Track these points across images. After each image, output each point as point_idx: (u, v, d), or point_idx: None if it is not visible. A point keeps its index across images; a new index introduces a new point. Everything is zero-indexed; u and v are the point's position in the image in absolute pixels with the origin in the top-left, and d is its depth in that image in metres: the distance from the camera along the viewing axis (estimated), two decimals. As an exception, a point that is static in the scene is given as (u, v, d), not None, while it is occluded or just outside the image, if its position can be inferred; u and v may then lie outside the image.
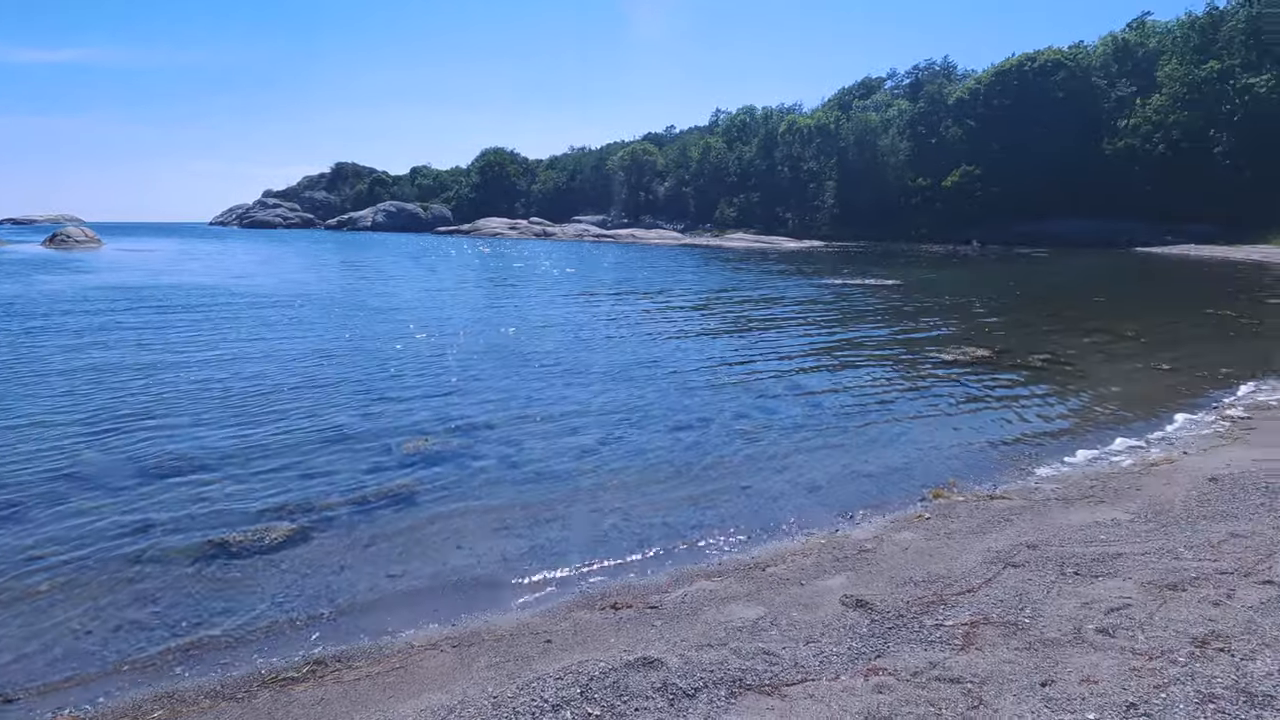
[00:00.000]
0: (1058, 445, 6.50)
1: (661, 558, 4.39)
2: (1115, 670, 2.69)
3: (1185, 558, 3.71)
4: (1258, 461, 5.33)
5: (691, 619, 3.43)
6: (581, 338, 12.40)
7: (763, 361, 10.33)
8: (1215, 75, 45.84)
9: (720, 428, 7.03)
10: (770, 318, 15.27)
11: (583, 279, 26.36)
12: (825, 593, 3.62)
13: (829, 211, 64.34)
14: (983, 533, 4.34)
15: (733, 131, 79.46)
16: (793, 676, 2.83)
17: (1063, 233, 48.97)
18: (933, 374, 9.46)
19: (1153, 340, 11.89)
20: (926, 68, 71.37)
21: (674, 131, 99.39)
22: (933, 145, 58.93)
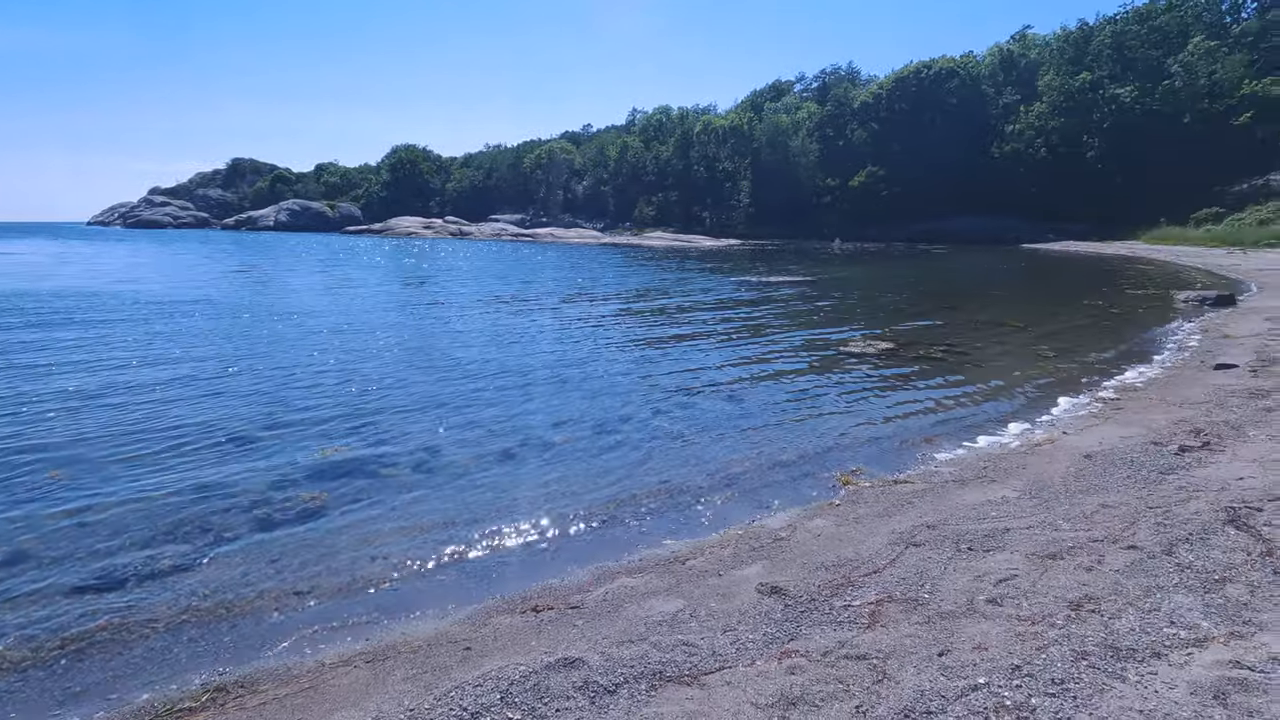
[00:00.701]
0: (955, 430, 6.92)
1: (584, 557, 4.39)
2: (1003, 636, 2.91)
3: (1063, 529, 4.04)
4: (1124, 438, 5.86)
5: (613, 616, 3.45)
6: (501, 340, 12.21)
7: (682, 359, 10.49)
8: (1087, 85, 50.00)
9: (641, 425, 7.10)
10: (690, 316, 15.53)
11: (502, 279, 25.96)
12: (742, 582, 3.73)
13: (744, 210, 66.04)
14: (888, 516, 4.58)
15: (649, 131, 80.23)
16: (711, 665, 2.90)
17: (959, 230, 52.12)
18: (842, 366, 9.88)
19: (1037, 330, 12.85)
20: (833, 72, 74.48)
21: (591, 130, 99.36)
22: (840, 147, 61.45)
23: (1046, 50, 56.77)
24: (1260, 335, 10.70)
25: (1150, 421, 6.40)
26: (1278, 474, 4.62)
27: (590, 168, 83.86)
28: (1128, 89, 48.07)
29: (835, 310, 16.36)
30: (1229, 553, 3.52)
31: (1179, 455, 5.29)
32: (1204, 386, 7.65)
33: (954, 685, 2.58)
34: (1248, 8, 53.20)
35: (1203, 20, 51.26)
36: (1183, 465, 5.04)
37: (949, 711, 2.44)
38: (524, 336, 12.51)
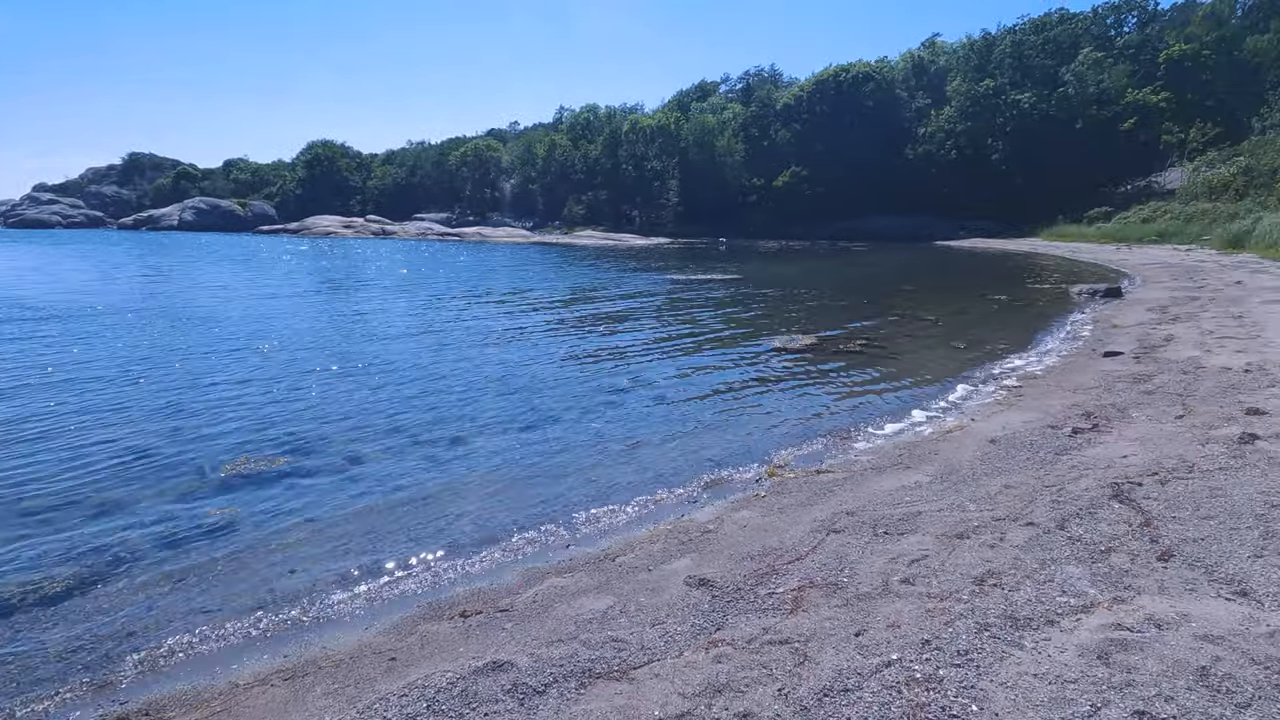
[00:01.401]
0: (874, 421, 7.23)
1: (513, 559, 4.35)
2: (914, 614, 3.06)
3: (970, 510, 4.29)
4: (1025, 423, 6.27)
5: (542, 617, 3.44)
6: (426, 342, 11.91)
7: (611, 357, 10.52)
8: (991, 91, 52.98)
9: (570, 425, 7.08)
10: (619, 314, 15.57)
11: (427, 279, 25.29)
12: (671, 576, 3.79)
13: (673, 209, 66.65)
14: (810, 505, 4.74)
15: (577, 129, 79.85)
16: (640, 659, 2.94)
17: (878, 228, 54.27)
18: (768, 362, 10.14)
19: (949, 323, 13.55)
20: (756, 74, 76.11)
21: (518, 128, 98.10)
22: (765, 147, 62.84)
23: (954, 57, 59.82)
24: (1143, 324, 11.63)
25: (1048, 407, 6.86)
26: (1155, 451, 5.05)
27: (518, 166, 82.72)
28: (1027, 95, 51.26)
29: (762, 307, 16.77)
30: (1113, 525, 3.83)
31: (1072, 437, 5.70)
32: (1094, 373, 8.26)
33: (869, 663, 2.71)
34: (1129, 22, 57.72)
35: (1091, 33, 55.25)
36: (1075, 446, 5.43)
37: (864, 688, 2.55)
38: (450, 338, 12.25)
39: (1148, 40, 53.54)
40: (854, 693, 2.53)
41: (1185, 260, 24.34)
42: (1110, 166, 46.31)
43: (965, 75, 55.72)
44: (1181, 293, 15.50)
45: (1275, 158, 33.46)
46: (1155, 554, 3.43)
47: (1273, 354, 8.07)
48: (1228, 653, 2.56)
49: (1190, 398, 6.55)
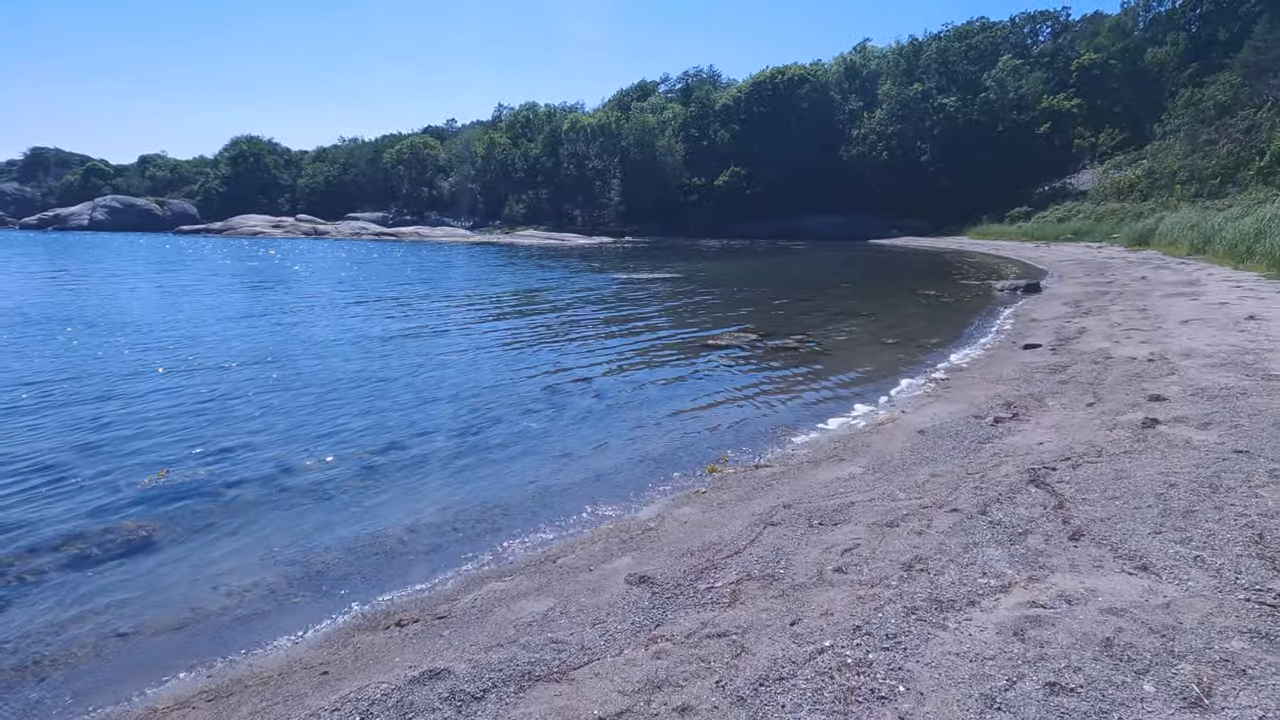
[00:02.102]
0: (811, 414, 7.42)
1: (452, 565, 4.28)
2: (846, 601, 3.16)
3: (900, 499, 4.45)
4: (951, 413, 6.54)
5: (481, 622, 3.40)
6: (361, 345, 11.57)
7: (554, 357, 10.46)
8: (919, 95, 55.07)
9: (511, 427, 7.01)
10: (561, 314, 15.49)
11: (362, 280, 24.55)
12: (612, 575, 3.79)
13: (615, 209, 66.72)
14: (749, 499, 4.83)
15: (517, 128, 79.02)
16: (580, 660, 2.94)
17: (816, 227, 55.69)
18: (708, 358, 10.27)
19: (881, 318, 14.02)
20: (695, 74, 76.90)
21: (456, 126, 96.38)
22: (705, 147, 63.62)
23: (884, 61, 61.92)
24: (1059, 318, 12.30)
25: (972, 397, 7.18)
26: (1069, 438, 5.35)
27: (456, 164, 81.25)
28: (952, 99, 53.53)
29: (703, 305, 16.96)
30: (1030, 508, 4.04)
31: (994, 426, 5.99)
32: (1015, 365, 8.69)
33: (803, 650, 2.78)
34: (1044, 32, 60.98)
35: (1009, 41, 58.16)
36: (997, 435, 5.71)
37: (799, 675, 2.62)
38: (387, 341, 11.93)
39: (1061, 49, 56.69)
40: (789, 680, 2.59)
41: (1097, 257, 25.88)
42: (1029, 168, 48.83)
43: (895, 79, 57.76)
44: (1093, 288, 16.47)
45: (1174, 162, 35.91)
46: (1067, 534, 3.64)
47: (1173, 344, 8.65)
48: (1129, 624, 2.74)
49: (1100, 386, 6.97)
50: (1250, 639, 2.59)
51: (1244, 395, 5.96)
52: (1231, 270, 16.69)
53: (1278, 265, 15.60)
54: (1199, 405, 5.80)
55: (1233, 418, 5.35)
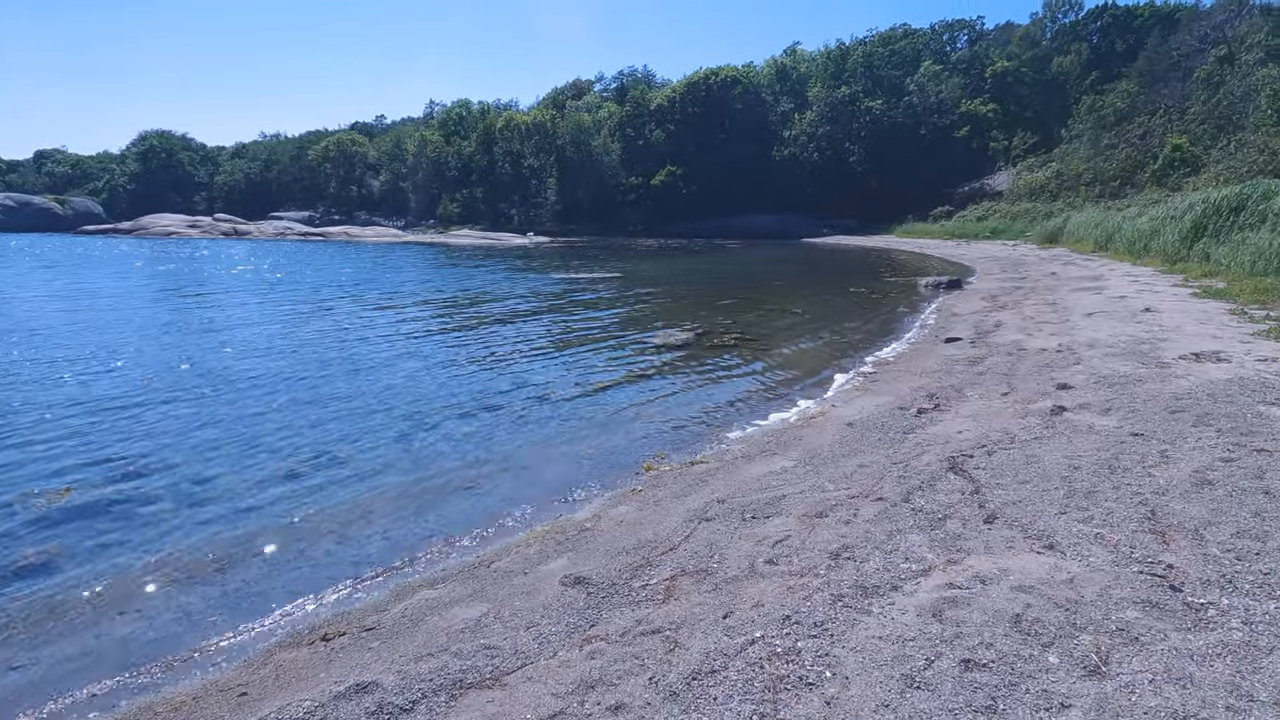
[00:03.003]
0: (746, 410, 7.55)
1: (382, 576, 4.16)
2: (777, 592, 3.24)
3: (829, 490, 4.59)
4: (878, 406, 6.78)
5: (412, 632, 3.31)
6: (287, 350, 11.10)
7: (489, 359, 10.30)
8: (847, 98, 56.80)
9: (446, 431, 6.86)
10: (498, 314, 15.26)
11: (287, 283, 23.54)
12: (547, 577, 3.77)
13: (552, 208, 66.22)
14: (685, 496, 4.88)
15: (450, 125, 77.41)
16: (513, 665, 2.90)
17: (751, 227, 56.67)
18: (646, 357, 10.32)
19: (814, 315, 14.40)
20: (630, 74, 77.05)
21: (385, 122, 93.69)
22: (640, 146, 63.80)
23: (813, 65, 63.61)
24: (978, 312, 12.92)
25: (898, 390, 7.46)
26: (985, 426, 5.63)
27: (387, 162, 78.92)
28: (879, 103, 55.46)
29: (641, 304, 17.02)
30: (949, 494, 4.23)
31: (917, 417, 6.24)
32: (938, 358, 9.07)
33: (735, 642, 2.83)
34: (961, 40, 63.89)
35: (930, 48, 60.70)
36: (920, 425, 5.95)
37: (730, 667, 2.67)
38: (314, 346, 11.49)
39: (977, 57, 59.52)
40: (720, 673, 2.63)
41: (1012, 254, 27.31)
42: (950, 169, 51.06)
43: (824, 82, 59.42)
44: (1009, 283, 17.38)
45: (1079, 164, 38.25)
46: (982, 518, 3.83)
47: (1078, 335, 9.22)
48: (1037, 600, 2.91)
49: (1014, 377, 7.35)
50: (1143, 609, 2.79)
51: (1140, 382, 6.41)
52: (1131, 265, 17.91)
53: (1170, 260, 16.85)
54: (1101, 392, 6.20)
55: (1130, 403, 5.74)
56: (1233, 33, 37.93)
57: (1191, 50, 39.03)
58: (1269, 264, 13.07)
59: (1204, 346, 7.65)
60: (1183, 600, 2.83)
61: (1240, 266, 13.77)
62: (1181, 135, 31.98)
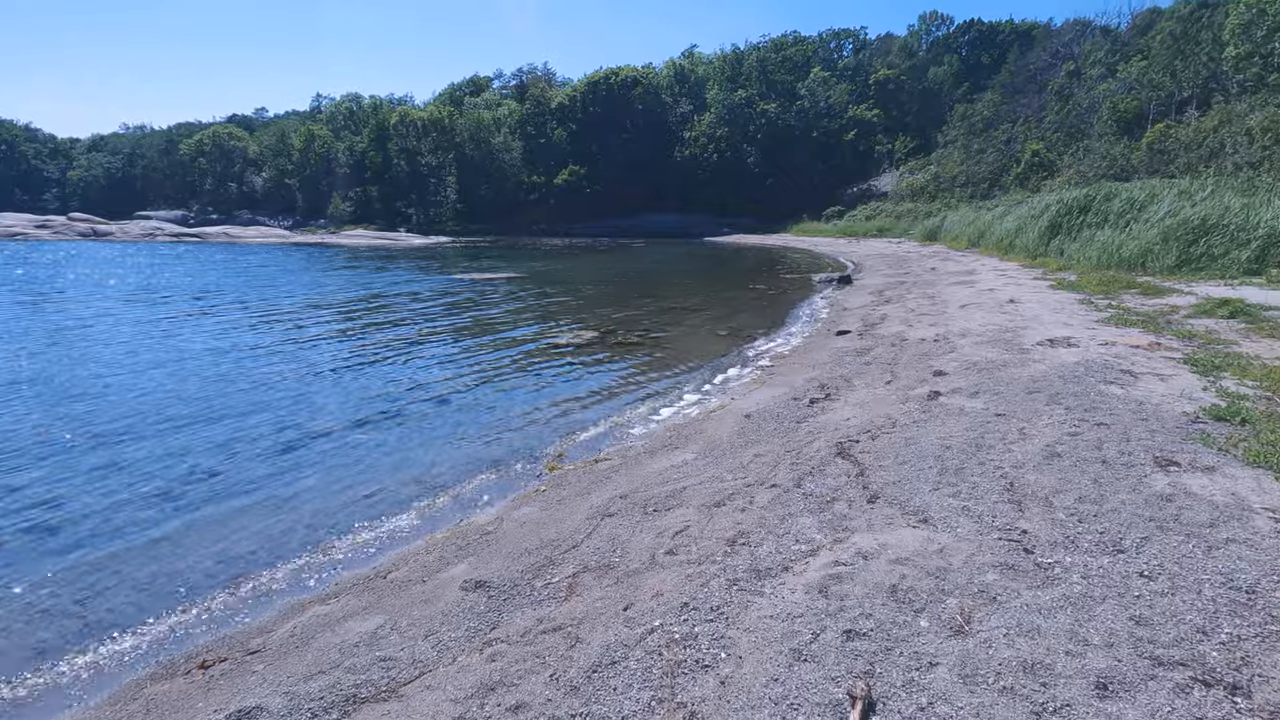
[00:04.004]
0: (649, 406, 7.67)
1: (268, 595, 3.93)
2: (676, 581, 3.32)
3: (727, 480, 4.74)
4: (774, 398, 7.07)
5: (302, 651, 3.16)
6: (161, 361, 10.24)
7: (387, 363, 9.92)
8: (743, 101, 58.65)
9: (338, 440, 6.56)
10: (396, 318, 14.71)
11: (160, 288, 21.67)
12: (447, 583, 3.69)
13: (452, 207, 64.49)
14: (588, 493, 4.90)
15: (339, 120, 73.79)
16: (410, 674, 2.83)
17: (654, 226, 57.49)
18: (550, 357, 10.26)
19: (715, 311, 14.79)
20: (530, 71, 76.16)
21: (267, 115, 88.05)
22: (542, 145, 63.32)
23: (710, 68, 65.26)
24: (866, 306, 13.70)
25: (792, 382, 7.80)
26: (870, 413, 5.99)
27: (270, 157, 74.21)
28: (773, 106, 57.63)
29: (543, 304, 16.90)
30: (837, 478, 4.48)
31: (810, 406, 6.55)
32: (829, 350, 9.55)
33: (635, 633, 2.88)
34: (847, 48, 67.40)
35: (819, 54, 63.64)
36: (812, 414, 6.25)
37: (630, 657, 2.72)
38: (190, 354, 10.66)
39: (861, 65, 63.01)
40: (620, 664, 2.68)
41: (897, 251, 29.11)
42: (840, 171, 53.83)
43: (721, 85, 61.11)
44: (894, 278, 18.52)
45: (954, 167, 41.25)
46: (866, 498, 4.08)
47: (953, 325, 9.96)
48: (911, 570, 3.14)
49: (896, 365, 7.86)
50: (1000, 571, 3.07)
51: (1004, 367, 7.01)
52: (999, 260, 19.52)
53: (1032, 256, 18.50)
54: (970, 377, 6.73)
55: (995, 386, 6.27)
56: (1079, 50, 42.13)
57: (1045, 65, 43.03)
58: (1111, 258, 14.63)
59: (1057, 333, 8.46)
60: (1034, 561, 3.13)
61: (1088, 261, 15.33)
62: (1039, 142, 35.15)
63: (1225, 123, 23.28)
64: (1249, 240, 12.55)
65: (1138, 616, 2.66)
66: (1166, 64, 31.19)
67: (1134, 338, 7.85)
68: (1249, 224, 12.84)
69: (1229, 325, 8.15)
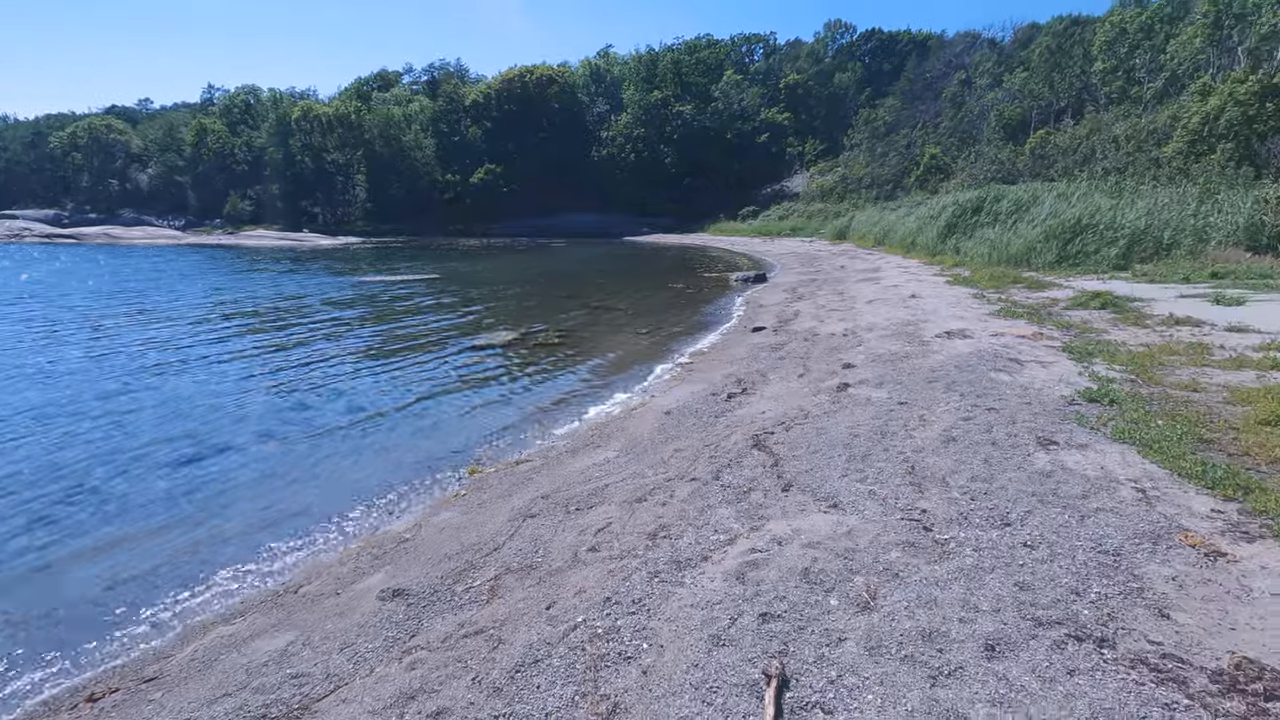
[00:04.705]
0: (571, 406, 7.66)
1: (166, 618, 3.69)
2: (599, 577, 3.35)
3: (648, 475, 4.81)
4: (693, 394, 7.21)
5: (204, 674, 2.99)
6: (40, 374, 9.37)
7: (296, 371, 9.46)
8: (659, 102, 59.25)
9: (243, 452, 6.21)
10: (306, 322, 14.03)
11: (34, 297, 19.78)
12: (363, 594, 3.58)
13: (362, 206, 61.96)
14: (510, 495, 4.86)
15: (235, 113, 69.44)
16: (325, 689, 2.74)
17: (574, 226, 57.22)
18: (469, 360, 10.07)
19: (636, 311, 14.91)
20: (441, 67, 74.19)
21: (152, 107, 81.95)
22: (456, 143, 61.81)
23: (626, 68, 65.55)
24: (780, 303, 14.16)
25: (711, 378, 7.98)
26: (784, 405, 6.21)
27: (157, 152, 69.04)
28: (688, 107, 58.50)
29: (461, 306, 16.54)
30: (753, 469, 4.63)
31: (727, 401, 6.73)
32: (746, 346, 9.82)
33: (558, 630, 2.90)
34: (758, 52, 69.30)
35: (731, 58, 65.11)
36: (729, 409, 6.43)
37: (553, 655, 2.73)
38: (83, 368, 9.80)
39: (772, 69, 64.94)
40: (544, 662, 2.69)
41: (809, 250, 30.19)
42: (755, 172, 55.27)
43: (637, 85, 61.49)
44: (806, 276, 19.22)
45: (860, 170, 43.17)
46: (780, 487, 4.24)
47: (861, 320, 10.46)
48: (822, 553, 3.29)
49: (809, 359, 8.18)
50: (903, 549, 3.27)
51: (906, 358, 7.43)
52: (902, 258, 20.61)
53: (931, 253, 19.64)
54: (876, 369, 7.10)
55: (898, 377, 6.64)
56: (969, 61, 45.00)
57: (940, 74, 45.73)
58: (1000, 255, 15.74)
59: (954, 326, 9.04)
60: (932, 538, 3.35)
61: (981, 257, 16.43)
62: (936, 146, 37.31)
63: (1095, 131, 25.47)
64: (1116, 238, 13.79)
65: (1021, 583, 2.90)
66: (1045, 76, 33.80)
67: (1020, 328, 8.49)
68: (1116, 224, 14.12)
69: (1100, 315, 8.94)
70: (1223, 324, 7.77)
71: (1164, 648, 2.46)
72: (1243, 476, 3.74)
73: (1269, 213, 12.42)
